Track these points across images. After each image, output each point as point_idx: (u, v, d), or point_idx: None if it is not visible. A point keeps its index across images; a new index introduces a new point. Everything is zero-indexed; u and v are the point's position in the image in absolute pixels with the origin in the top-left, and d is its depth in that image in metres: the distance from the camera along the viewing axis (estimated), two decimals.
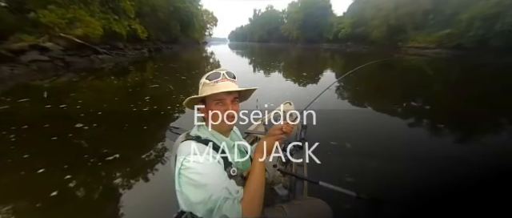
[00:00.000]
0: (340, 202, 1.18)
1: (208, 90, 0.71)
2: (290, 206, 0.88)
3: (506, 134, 3.39)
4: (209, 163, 0.63)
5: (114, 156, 2.27)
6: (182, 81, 6.86)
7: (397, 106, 4.63)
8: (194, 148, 0.65)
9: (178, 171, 0.63)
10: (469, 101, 5.61)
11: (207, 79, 0.72)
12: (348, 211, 1.40)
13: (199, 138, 0.72)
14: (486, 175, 2.14)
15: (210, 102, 0.73)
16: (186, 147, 0.67)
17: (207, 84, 0.72)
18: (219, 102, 0.72)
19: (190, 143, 0.68)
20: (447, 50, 24.29)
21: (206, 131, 0.76)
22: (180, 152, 0.67)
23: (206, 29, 47.73)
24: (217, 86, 0.71)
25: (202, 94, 0.72)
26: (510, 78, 9.71)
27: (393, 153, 2.54)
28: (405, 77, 9.59)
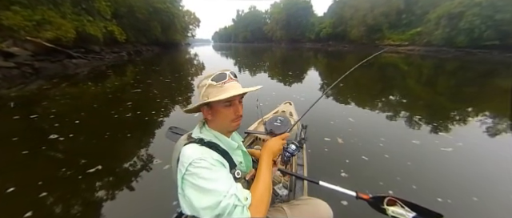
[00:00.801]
0: (340, 202, 1.20)
1: (217, 92, 0.69)
2: (291, 206, 0.89)
3: (470, 121, 3.71)
4: (216, 167, 0.62)
5: (96, 168, 2.13)
6: (167, 84, 6.63)
7: (377, 100, 4.87)
8: (199, 152, 0.63)
9: (182, 176, 0.61)
10: (440, 93, 6.10)
11: (213, 81, 0.69)
12: (348, 212, 1.39)
13: (202, 140, 0.70)
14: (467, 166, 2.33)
15: (219, 104, 0.70)
16: (190, 150, 0.65)
17: (214, 86, 0.69)
18: (228, 104, 0.71)
19: (194, 147, 0.66)
20: (419, 48, 26.19)
21: (209, 132, 0.74)
22: (184, 156, 0.64)
23: (188, 30, 46.57)
24: (225, 88, 0.69)
25: (217, 97, 0.67)
26: (470, 72, 10.72)
27: (382, 147, 2.67)
28: (383, 73, 10.13)
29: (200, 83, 0.74)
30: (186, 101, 4.84)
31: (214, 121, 0.74)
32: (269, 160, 0.73)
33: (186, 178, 0.61)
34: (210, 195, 0.57)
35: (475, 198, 1.82)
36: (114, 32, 15.35)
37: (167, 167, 2.20)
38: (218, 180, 0.59)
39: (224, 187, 0.59)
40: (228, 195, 0.57)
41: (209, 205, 0.56)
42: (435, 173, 2.19)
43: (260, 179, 0.67)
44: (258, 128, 2.04)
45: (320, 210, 0.88)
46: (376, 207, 0.91)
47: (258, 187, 0.65)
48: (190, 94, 5.45)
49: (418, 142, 2.89)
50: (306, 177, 1.17)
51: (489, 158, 2.56)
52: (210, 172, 0.60)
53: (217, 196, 0.56)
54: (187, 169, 0.60)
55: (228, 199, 0.57)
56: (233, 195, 0.58)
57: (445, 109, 4.71)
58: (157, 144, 2.76)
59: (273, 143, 0.79)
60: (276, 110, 2.51)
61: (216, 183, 0.58)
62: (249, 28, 71.84)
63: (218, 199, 0.56)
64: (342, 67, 12.18)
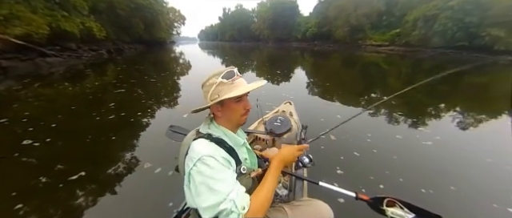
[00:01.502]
0: (339, 202, 1.20)
1: (229, 89, 0.71)
2: (292, 207, 0.89)
3: (444, 116, 4.00)
4: (222, 167, 0.64)
5: (79, 175, 1.99)
6: (152, 84, 6.38)
7: (361, 98, 5.08)
8: (208, 149, 0.66)
9: (189, 170, 0.64)
10: (417, 91, 6.49)
11: (224, 79, 0.72)
12: (347, 212, 1.40)
13: (211, 136, 0.72)
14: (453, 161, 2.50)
15: (230, 101, 0.73)
16: (200, 146, 0.67)
17: (224, 83, 0.72)
18: (239, 99, 0.74)
19: (204, 142, 0.68)
20: (398, 48, 27.65)
21: (217, 128, 0.76)
22: (193, 151, 0.66)
23: (173, 28, 45.12)
24: (236, 84, 0.73)
25: (232, 94, 0.70)
26: (444, 71, 11.53)
27: (370, 143, 2.78)
28: (366, 72, 10.56)
29: (207, 82, 0.74)
30: (173, 101, 4.69)
31: (223, 117, 0.76)
32: (278, 168, 0.75)
33: (193, 173, 0.63)
34: (212, 195, 0.59)
35: (453, 187, 1.97)
36: (92, 28, 14.46)
37: (159, 170, 2.12)
38: (221, 181, 0.61)
39: (226, 189, 0.60)
40: (227, 199, 0.59)
41: (209, 204, 0.59)
42: (418, 166, 2.33)
43: (264, 187, 0.68)
44: (258, 128, 2.04)
45: (321, 211, 0.88)
46: (375, 208, 0.92)
47: (260, 195, 0.66)
48: (176, 95, 5.29)
49: (401, 136, 3.07)
50: (306, 177, 1.17)
51: (463, 149, 2.79)
52: (216, 172, 0.62)
53: (218, 197, 0.59)
54: (195, 164, 0.62)
55: (226, 204, 0.58)
56: (231, 200, 0.59)
57: (422, 105, 5.03)
58: (145, 147, 2.65)
59: (288, 152, 0.80)
60: (276, 110, 2.51)
61: (219, 184, 0.60)
62: (236, 27, 71.11)
63: (218, 200, 0.58)
64: (327, 66, 12.52)
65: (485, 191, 1.95)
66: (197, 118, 0.87)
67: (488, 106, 5.14)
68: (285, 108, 2.47)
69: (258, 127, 2.04)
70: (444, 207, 1.73)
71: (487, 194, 1.92)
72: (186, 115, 3.65)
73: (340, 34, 35.47)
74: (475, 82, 8.78)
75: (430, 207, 1.76)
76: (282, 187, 1.33)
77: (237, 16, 71.08)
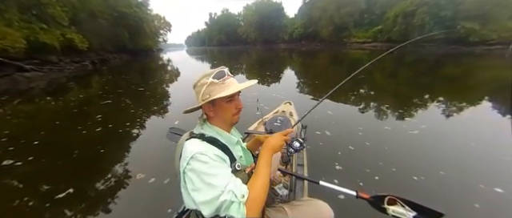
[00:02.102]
0: (340, 201, 1.19)
1: (220, 89, 0.71)
2: (292, 207, 0.89)
3: (427, 106, 4.19)
4: (216, 163, 0.64)
5: (66, 192, 1.90)
6: (140, 93, 6.23)
7: (349, 93, 5.21)
8: (200, 147, 0.66)
9: (183, 169, 0.63)
10: (401, 84, 6.77)
11: (214, 79, 0.72)
12: (348, 211, 1.39)
13: (203, 135, 0.72)
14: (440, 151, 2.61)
15: (222, 100, 0.73)
16: (192, 145, 0.67)
17: (216, 83, 0.72)
18: (230, 99, 0.75)
19: (196, 142, 0.69)
20: (381, 44, 28.71)
21: (210, 128, 0.76)
22: (186, 151, 0.66)
23: (159, 35, 44.45)
24: (227, 84, 0.72)
25: (222, 93, 0.70)
26: (424, 63, 12.11)
27: (362, 136, 2.85)
28: (352, 68, 10.86)
29: (198, 83, 0.74)
30: (163, 109, 4.60)
31: (216, 116, 0.77)
32: (268, 157, 0.75)
33: (187, 172, 0.62)
34: (208, 190, 0.59)
35: (442, 172, 2.06)
36: (73, 40, 13.95)
37: (153, 180, 2.07)
38: (217, 175, 0.61)
39: (222, 182, 0.60)
40: (226, 191, 0.59)
41: (207, 199, 0.58)
42: (408, 155, 2.42)
43: (258, 176, 0.68)
44: (258, 128, 2.04)
45: (321, 211, 0.87)
46: (376, 207, 0.90)
47: (255, 183, 0.66)
48: (166, 102, 5.20)
49: (390, 128, 3.18)
50: (307, 177, 1.16)
51: (448, 135, 2.93)
52: (210, 167, 0.62)
53: (215, 191, 0.58)
54: (188, 163, 0.62)
55: (225, 195, 0.58)
56: (230, 191, 0.60)
57: (406, 97, 5.24)
58: (136, 157, 2.57)
59: (274, 139, 0.80)
60: (276, 110, 2.52)
61: (215, 178, 0.60)
62: (223, 31, 71.07)
63: (217, 193, 0.58)
64: (315, 65, 12.76)
65: (471, 174, 2.06)
66: (189, 124, 0.86)
67: (466, 95, 5.43)
68: (285, 108, 2.49)
69: (258, 128, 2.05)
70: (435, 193, 1.81)
71: (473, 176, 2.02)
72: (177, 122, 3.59)
73: (325, 34, 36.38)
74: (453, 72, 9.26)
75: (423, 195, 1.83)
76: (282, 187, 1.33)
77: (223, 20, 71.16)
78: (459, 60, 13.53)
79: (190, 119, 0.87)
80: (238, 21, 69.04)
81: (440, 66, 11.33)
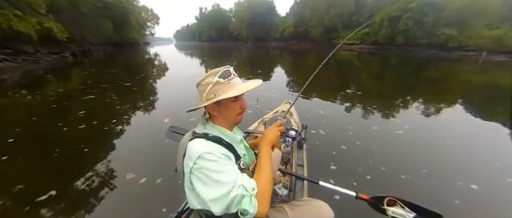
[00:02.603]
0: (340, 202, 1.19)
1: (226, 89, 0.71)
2: (292, 207, 0.89)
3: (410, 107, 4.42)
4: (223, 160, 0.64)
5: (49, 194, 1.78)
6: (127, 88, 5.97)
7: (338, 94, 5.36)
8: (207, 146, 0.66)
9: (189, 169, 0.63)
10: (386, 85, 7.07)
11: (220, 78, 0.71)
12: (348, 211, 1.41)
13: (207, 135, 0.72)
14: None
15: (227, 100, 0.73)
16: (198, 145, 0.66)
17: (222, 83, 0.71)
18: (235, 99, 0.74)
19: (201, 141, 0.68)
20: (368, 46, 29.74)
21: (214, 127, 0.76)
22: (191, 150, 0.65)
23: (146, 28, 42.75)
24: (233, 84, 0.72)
25: (230, 93, 0.70)
26: (408, 66, 12.73)
27: (352, 135, 2.94)
28: (340, 69, 11.16)
29: (203, 81, 0.73)
30: (151, 105, 4.45)
31: (219, 116, 0.76)
32: (268, 149, 0.77)
33: (194, 171, 0.62)
34: (218, 187, 0.59)
35: (424, 170, 2.19)
36: (52, 29, 13.06)
37: (144, 180, 2.00)
38: (225, 172, 0.62)
39: (232, 178, 0.61)
40: (236, 186, 0.60)
41: (218, 196, 0.59)
42: (395, 154, 2.54)
43: (262, 168, 0.70)
44: (258, 128, 2.04)
45: (321, 211, 0.88)
46: (376, 208, 0.91)
47: (260, 176, 0.68)
48: (154, 98, 5.02)
49: (377, 128, 3.32)
50: (306, 177, 1.17)
51: (429, 135, 3.12)
52: (218, 165, 0.62)
53: (226, 187, 0.59)
54: (195, 162, 0.62)
55: (236, 190, 0.59)
56: (240, 185, 0.61)
57: (391, 98, 5.48)
58: (125, 156, 2.47)
59: (269, 132, 0.83)
60: (276, 110, 2.53)
61: (224, 175, 0.61)
62: (213, 26, 69.72)
63: (227, 189, 0.59)
64: (305, 65, 12.94)
65: (450, 172, 2.20)
66: (182, 123, 0.84)
67: (444, 97, 5.79)
68: (284, 108, 2.49)
69: (258, 127, 2.05)
70: (421, 191, 1.91)
71: (452, 174, 2.16)
72: (167, 120, 3.49)
73: (316, 34, 36.92)
74: (433, 75, 9.81)
75: (410, 193, 1.91)
76: (282, 187, 1.33)
77: (214, 16, 69.83)
78: (439, 64, 14.35)
79: (183, 117, 0.85)
80: (229, 17, 68.08)
81: (423, 69, 11.95)
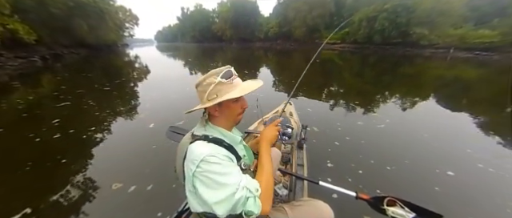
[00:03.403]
0: (340, 202, 1.20)
1: (228, 89, 0.71)
2: (292, 207, 0.89)
3: (389, 102, 4.69)
4: (226, 163, 0.64)
5: (22, 213, 1.62)
6: (105, 93, 5.65)
7: (323, 91, 5.53)
8: (209, 149, 0.65)
9: (192, 173, 0.62)
10: (366, 82, 7.43)
11: (223, 78, 0.70)
12: (349, 211, 1.41)
13: (208, 137, 0.71)
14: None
15: (229, 101, 0.72)
16: (199, 148, 0.65)
17: (223, 83, 0.70)
18: (237, 99, 0.74)
19: (202, 144, 0.67)
20: (349, 45, 31.06)
21: (213, 129, 0.75)
22: (193, 154, 0.64)
23: (124, 29, 40.72)
24: (235, 84, 0.72)
25: (233, 94, 0.69)
26: (385, 63, 13.50)
27: (342, 131, 3.04)
28: (324, 68, 11.52)
29: (204, 81, 0.72)
30: (133, 110, 4.24)
31: (220, 117, 0.75)
32: (267, 148, 0.78)
33: (197, 175, 0.62)
34: (223, 189, 0.59)
35: (407, 161, 2.35)
36: (17, 31, 11.98)
37: (133, 188, 1.91)
38: (229, 174, 0.62)
39: (235, 180, 0.62)
40: (240, 188, 0.61)
41: (222, 199, 0.59)
42: (380, 147, 2.68)
43: (263, 168, 0.72)
44: (258, 128, 2.02)
45: (321, 211, 0.88)
46: (376, 208, 0.91)
47: (262, 175, 0.70)
48: (136, 103, 4.80)
49: (362, 123, 3.48)
50: (306, 177, 1.16)
51: (407, 127, 3.35)
52: (222, 167, 0.62)
53: (230, 189, 0.59)
54: (198, 166, 0.61)
55: (241, 192, 0.60)
56: (244, 187, 0.62)
57: (371, 94, 5.79)
58: (109, 165, 2.33)
59: (267, 131, 0.84)
60: (276, 109, 2.52)
61: (228, 177, 0.61)
62: (197, 27, 68.30)
63: (232, 191, 0.59)
64: (290, 64, 13.17)
65: (428, 161, 2.38)
66: (168, 126, 0.81)
67: (418, 92, 6.23)
68: (284, 108, 2.51)
69: (258, 127, 2.03)
70: (406, 180, 2.04)
71: (430, 162, 2.34)
72: (152, 125, 3.35)
73: (299, 34, 37.73)
74: (408, 72, 10.50)
75: (398, 184, 2.01)
76: (282, 187, 1.33)
77: (197, 16, 68.50)
78: (413, 61, 15.39)
79: (169, 121, 0.82)
80: (212, 17, 67.18)
81: (398, 66, 12.74)
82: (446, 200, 1.79)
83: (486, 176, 2.14)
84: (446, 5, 23.05)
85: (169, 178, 1.99)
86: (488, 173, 2.19)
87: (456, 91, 6.57)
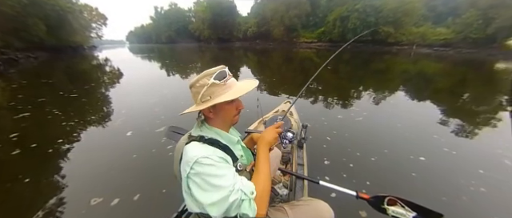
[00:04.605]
0: (340, 202, 1.19)
1: (222, 90, 0.69)
2: (292, 206, 0.89)
3: (364, 96, 5.01)
4: (220, 164, 0.63)
5: None
6: (73, 100, 5.14)
7: (302, 88, 5.69)
8: (203, 150, 0.64)
9: (186, 174, 0.62)
10: (342, 78, 7.84)
11: (216, 80, 0.68)
12: (349, 211, 1.37)
13: (203, 138, 0.70)
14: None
15: (223, 102, 0.70)
16: (194, 149, 0.65)
17: (217, 84, 0.69)
18: (231, 101, 0.72)
19: (197, 145, 0.67)
20: (325, 43, 32.49)
21: (210, 130, 0.74)
22: (187, 155, 0.64)
23: (90, 29, 37.57)
24: (229, 85, 0.71)
25: (226, 96, 0.68)
26: (358, 60, 14.39)
27: (328, 126, 3.14)
28: (302, 66, 11.89)
29: (197, 83, 0.70)
30: (106, 118, 3.92)
31: (216, 118, 0.74)
32: (265, 151, 0.77)
33: (191, 176, 0.61)
34: (217, 191, 0.59)
35: (386, 150, 2.53)
36: None
37: (117, 200, 1.76)
38: (223, 176, 0.61)
39: (230, 182, 0.61)
40: (235, 190, 0.60)
41: (216, 201, 0.58)
42: (362, 139, 2.83)
43: (260, 171, 0.71)
44: (258, 128, 1.99)
45: (321, 210, 0.87)
46: (376, 207, 0.90)
47: (259, 178, 0.69)
48: (110, 109, 4.45)
49: (341, 116, 3.68)
50: (306, 177, 1.15)
51: (383, 119, 3.62)
52: (216, 169, 0.61)
53: (224, 191, 0.59)
54: (192, 167, 0.61)
55: (235, 194, 0.59)
56: (239, 190, 0.61)
57: (347, 89, 6.15)
58: (85, 179, 2.12)
59: (267, 133, 0.83)
60: (276, 109, 2.51)
61: (222, 179, 0.60)
62: (172, 27, 65.49)
63: (226, 194, 0.58)
64: (270, 63, 13.33)
65: (403, 149, 2.59)
66: (147, 135, 0.76)
67: (388, 85, 6.77)
68: (285, 108, 2.49)
69: (259, 127, 2.01)
70: (388, 169, 2.17)
71: (405, 150, 2.54)
72: (130, 133, 3.13)
73: (278, 33, 38.38)
74: (379, 67, 11.31)
75: (381, 174, 2.13)
76: (282, 187, 1.32)
77: (172, 15, 65.80)
78: (382, 57, 16.63)
79: (149, 128, 0.78)
80: (188, 17, 65.12)
81: (370, 62, 13.66)
82: (423, 185, 1.95)
83: (451, 159, 2.39)
84: (408, 5, 25.36)
85: (158, 184, 1.91)
86: (452, 156, 2.45)
87: (420, 83, 7.26)
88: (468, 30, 21.86)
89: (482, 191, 1.87)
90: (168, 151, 2.57)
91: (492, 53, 19.61)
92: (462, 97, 5.50)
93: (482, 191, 1.87)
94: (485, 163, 2.27)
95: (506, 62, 14.48)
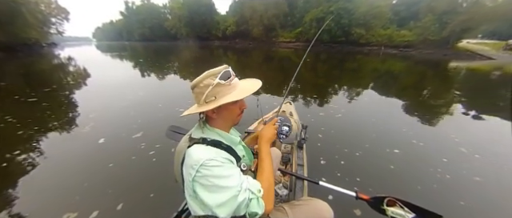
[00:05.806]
0: (340, 202, 1.19)
1: (227, 90, 0.69)
2: (292, 206, 0.89)
3: (340, 94, 5.30)
4: (226, 165, 0.63)
5: None
6: (31, 104, 4.54)
7: (282, 87, 5.81)
8: (208, 153, 0.63)
9: (192, 178, 0.61)
10: (320, 77, 8.20)
11: (221, 79, 0.67)
12: (348, 211, 1.38)
13: (206, 140, 0.69)
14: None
15: (227, 103, 0.69)
16: (198, 152, 0.64)
17: (222, 84, 0.68)
18: (235, 101, 0.71)
19: (201, 148, 0.66)
20: (302, 43, 33.56)
21: (211, 131, 0.73)
22: (192, 159, 0.63)
23: (49, 24, 33.58)
24: (233, 85, 0.71)
25: (232, 96, 0.68)
26: (333, 60, 15.16)
27: (315, 122, 3.21)
28: (281, 65, 12.13)
29: (201, 83, 0.68)
30: (72, 124, 3.54)
31: (218, 119, 0.73)
32: (267, 148, 0.79)
33: (198, 180, 0.60)
34: (224, 192, 0.59)
35: (367, 145, 2.70)
36: None
37: (96, 213, 1.62)
38: (230, 177, 0.61)
39: (237, 182, 0.61)
40: (242, 190, 0.61)
41: (224, 201, 0.58)
42: (347, 136, 2.98)
43: (263, 168, 0.73)
44: (258, 128, 1.91)
45: (321, 210, 0.87)
46: (376, 208, 0.91)
47: (263, 175, 0.70)
48: (74, 115, 4.02)
49: (323, 114, 3.85)
50: (306, 177, 1.16)
51: (359, 115, 3.87)
52: (222, 170, 0.61)
53: (231, 192, 0.59)
54: (198, 171, 0.60)
55: (243, 194, 0.60)
56: (247, 189, 0.62)
57: (325, 87, 6.47)
58: (53, 194, 1.89)
59: (266, 131, 0.85)
60: (276, 109, 2.45)
61: (229, 180, 0.60)
62: (146, 24, 61.54)
63: (234, 194, 0.59)
64: (250, 63, 13.34)
65: (380, 143, 2.78)
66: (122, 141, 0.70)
67: (361, 82, 7.27)
68: (285, 108, 2.46)
69: (259, 127, 1.94)
70: (370, 164, 2.30)
71: (382, 144, 2.74)
72: (102, 140, 2.87)
73: (257, 33, 38.57)
74: (352, 66, 12.06)
75: (366, 169, 2.24)
76: (282, 187, 1.31)
77: (145, 12, 61.92)
78: (355, 57, 17.74)
79: (125, 134, 0.72)
80: (164, 14, 61.95)
81: (344, 62, 14.49)
82: (401, 176, 2.12)
83: (420, 150, 2.65)
84: (376, 9, 27.48)
85: (144, 190, 1.83)
86: (420, 147, 2.73)
87: (388, 81, 7.93)
88: (427, 32, 24.42)
89: (448, 178, 2.10)
90: (151, 157, 2.43)
91: (447, 53, 22.17)
92: (423, 92, 6.13)
93: (448, 178, 2.10)
94: (447, 152, 2.57)
95: (457, 61, 16.52)
